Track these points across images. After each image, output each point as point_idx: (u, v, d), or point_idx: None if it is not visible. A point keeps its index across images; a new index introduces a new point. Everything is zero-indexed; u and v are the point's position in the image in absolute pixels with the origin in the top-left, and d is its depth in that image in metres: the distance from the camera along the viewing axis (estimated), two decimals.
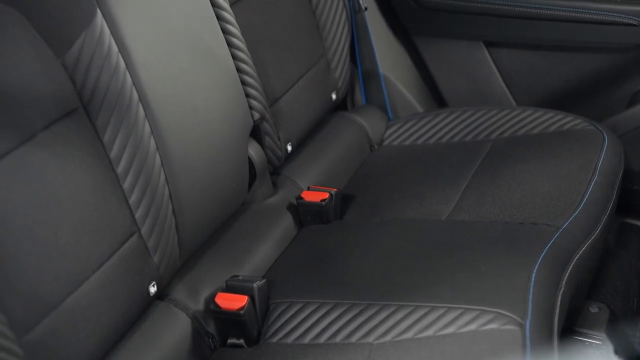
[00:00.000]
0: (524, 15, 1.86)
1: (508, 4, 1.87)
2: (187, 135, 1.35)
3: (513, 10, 1.87)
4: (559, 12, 1.83)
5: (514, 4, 1.86)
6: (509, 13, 1.88)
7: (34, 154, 1.09)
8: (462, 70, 2.06)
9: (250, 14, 1.61)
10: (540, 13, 1.85)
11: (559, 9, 1.83)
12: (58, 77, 1.16)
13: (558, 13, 1.83)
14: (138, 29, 1.28)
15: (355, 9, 1.93)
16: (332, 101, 1.86)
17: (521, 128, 1.78)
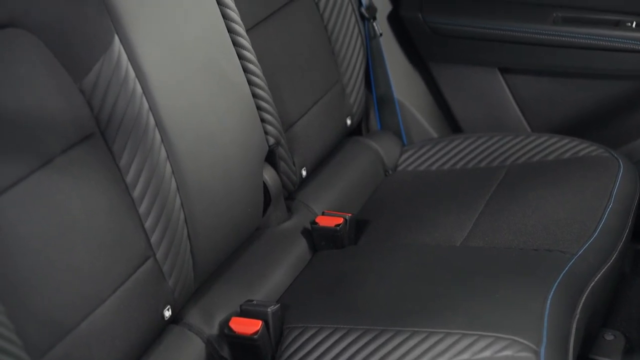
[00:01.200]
0: (540, 42, 1.87)
1: (523, 30, 1.88)
2: (203, 160, 1.36)
3: (528, 37, 1.88)
4: (574, 39, 1.83)
5: (529, 31, 1.87)
6: (524, 40, 1.89)
7: (51, 178, 1.10)
8: (477, 97, 2.06)
9: (266, 39, 1.62)
10: (555, 40, 1.85)
11: (575, 36, 1.83)
12: (76, 102, 1.17)
13: (574, 40, 1.83)
14: (155, 55, 1.30)
15: (370, 35, 1.95)
16: (347, 126, 1.87)
17: (536, 154, 1.77)
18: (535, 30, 1.87)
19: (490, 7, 1.93)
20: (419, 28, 2.01)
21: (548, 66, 1.93)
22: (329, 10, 1.82)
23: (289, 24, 1.71)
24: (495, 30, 1.91)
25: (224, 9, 1.47)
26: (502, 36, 1.91)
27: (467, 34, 1.95)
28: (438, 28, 1.98)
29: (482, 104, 2.07)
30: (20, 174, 1.05)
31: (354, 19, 1.88)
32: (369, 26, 1.94)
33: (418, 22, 2.00)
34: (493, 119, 2.06)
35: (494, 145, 1.83)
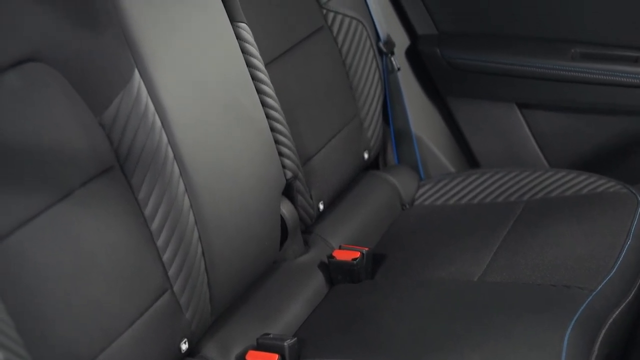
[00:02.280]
0: (558, 77, 1.87)
1: (541, 66, 1.88)
2: (221, 193, 1.36)
3: (546, 72, 1.88)
4: (593, 75, 1.84)
5: (547, 67, 1.88)
6: (543, 75, 1.89)
7: (70, 211, 1.11)
8: (495, 131, 2.06)
9: (284, 74, 1.64)
10: (574, 76, 1.85)
11: (593, 72, 1.83)
12: (96, 135, 1.18)
13: (592, 76, 1.84)
14: (174, 89, 1.31)
15: (388, 70, 1.96)
16: (364, 160, 1.87)
17: (554, 190, 1.77)
18: (554, 66, 1.87)
19: (508, 42, 1.94)
20: (437, 63, 2.02)
21: (566, 102, 1.93)
22: (347, 45, 1.83)
23: (307, 58, 1.72)
24: (513, 65, 1.92)
25: (243, 43, 1.49)
26: (520, 71, 1.92)
27: (485, 69, 1.96)
28: (456, 63, 1.99)
29: (499, 139, 2.07)
30: (40, 206, 1.06)
31: (372, 54, 1.89)
32: (387, 61, 1.95)
33: (436, 57, 2.01)
34: (511, 154, 2.06)
35: (512, 180, 1.83)
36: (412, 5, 2.01)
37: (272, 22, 1.63)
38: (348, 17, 1.83)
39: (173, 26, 1.34)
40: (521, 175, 1.83)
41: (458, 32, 2.00)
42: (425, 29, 2.03)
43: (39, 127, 1.09)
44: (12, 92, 1.07)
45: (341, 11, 1.82)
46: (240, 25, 1.49)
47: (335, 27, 1.82)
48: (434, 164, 2.07)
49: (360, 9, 1.88)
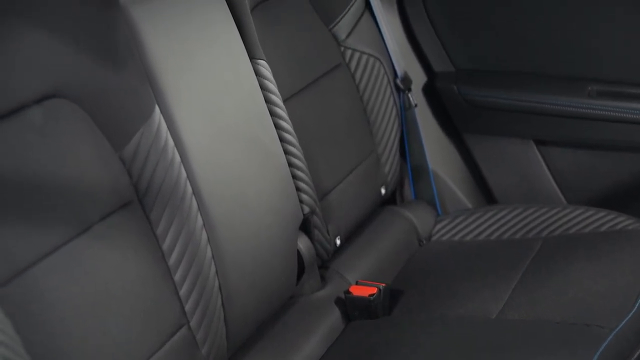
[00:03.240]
0: (575, 114, 1.87)
1: (558, 103, 1.89)
2: (238, 228, 1.37)
3: (563, 109, 1.88)
4: (610, 113, 1.83)
5: (564, 104, 1.88)
6: (559, 112, 1.89)
7: (89, 245, 1.11)
8: (512, 168, 2.06)
9: (302, 109, 1.65)
10: (591, 113, 1.85)
11: (610, 109, 1.83)
12: (115, 170, 1.19)
13: (609, 113, 1.84)
14: (194, 124, 1.32)
15: (405, 106, 1.97)
16: (381, 196, 1.87)
17: (572, 227, 1.76)
18: (570, 103, 1.87)
19: (525, 79, 1.95)
20: (454, 100, 2.03)
21: (584, 139, 1.93)
22: (365, 82, 1.85)
23: (325, 95, 1.73)
24: (530, 102, 1.92)
25: (262, 80, 1.50)
26: (537, 109, 1.92)
27: (502, 106, 1.96)
28: (473, 100, 1.99)
29: (517, 175, 2.06)
30: (60, 241, 1.07)
31: (390, 90, 1.90)
32: (404, 97, 1.96)
33: (453, 94, 2.02)
34: (528, 190, 2.05)
35: (530, 217, 1.82)
36: (429, 42, 2.03)
37: (290, 59, 1.65)
38: (366, 55, 1.85)
39: (193, 63, 1.35)
40: (539, 211, 1.83)
41: (475, 69, 2.01)
42: (442, 66, 2.04)
43: (60, 162, 1.10)
44: (35, 128, 1.08)
45: (359, 48, 1.84)
46: (260, 62, 1.50)
47: (353, 64, 1.83)
48: (451, 199, 2.06)
49: (377, 47, 1.90)
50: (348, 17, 1.83)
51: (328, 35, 1.79)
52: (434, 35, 2.01)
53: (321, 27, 1.77)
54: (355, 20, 1.86)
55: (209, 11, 1.41)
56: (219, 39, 1.42)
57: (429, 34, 2.01)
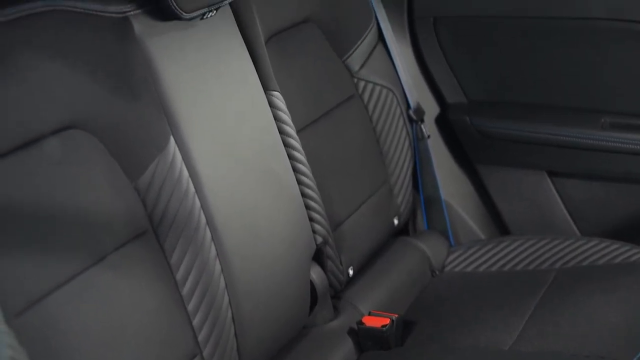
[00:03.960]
0: (588, 146, 1.87)
1: (571, 135, 1.89)
2: (251, 258, 1.37)
3: (576, 141, 1.88)
4: (623, 145, 1.83)
5: (577, 136, 1.88)
6: (573, 144, 1.89)
7: (103, 275, 1.12)
8: (525, 199, 2.06)
9: (316, 140, 1.66)
10: (604, 145, 1.85)
11: (623, 141, 1.83)
12: (130, 200, 1.20)
13: (622, 146, 1.83)
14: (208, 155, 1.33)
15: (418, 137, 1.97)
16: (394, 226, 1.87)
17: (586, 258, 1.75)
18: (584, 135, 1.87)
19: (538, 111, 1.95)
20: (467, 131, 2.03)
21: (597, 170, 1.93)
22: (378, 113, 1.86)
23: (338, 125, 1.74)
24: (543, 134, 1.92)
25: (276, 111, 1.51)
26: (550, 140, 1.92)
27: (515, 137, 1.97)
28: (486, 131, 2.00)
29: (530, 207, 2.06)
30: (75, 270, 1.08)
31: (402, 121, 1.91)
32: (416, 128, 1.97)
33: (466, 125, 2.02)
34: (542, 221, 2.05)
35: (543, 248, 1.82)
36: (442, 74, 2.04)
37: (304, 90, 1.66)
38: (379, 86, 1.86)
39: (208, 94, 1.36)
40: (552, 243, 1.82)
41: (487, 101, 2.02)
42: (455, 97, 2.05)
43: (76, 192, 1.11)
44: (52, 158, 1.09)
45: (372, 80, 1.85)
46: (274, 93, 1.52)
47: (366, 95, 1.84)
48: (464, 230, 2.06)
49: (390, 78, 1.91)
50: (361, 48, 1.85)
51: (341, 66, 1.81)
52: (446, 66, 2.02)
53: (335, 59, 1.79)
54: (369, 51, 1.87)
55: (223, 43, 1.42)
56: (233, 70, 1.43)
57: (442, 66, 2.02)
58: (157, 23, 1.30)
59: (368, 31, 1.86)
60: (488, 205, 2.13)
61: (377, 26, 1.92)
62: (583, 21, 1.80)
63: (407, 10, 1.99)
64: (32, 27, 1.10)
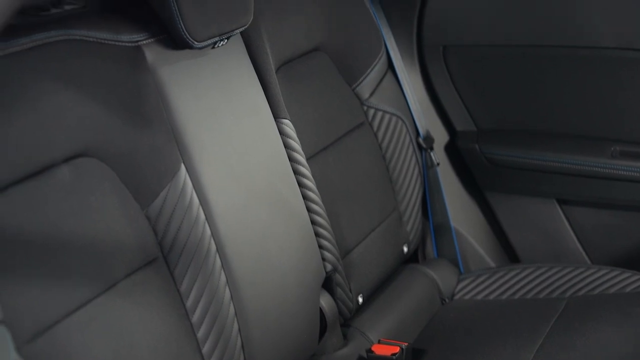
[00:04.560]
0: (597, 175, 1.87)
1: (580, 163, 1.88)
2: (261, 285, 1.37)
3: (585, 169, 1.88)
4: (632, 173, 1.83)
5: (586, 164, 1.88)
6: (582, 172, 1.89)
7: (114, 302, 1.12)
8: (535, 227, 2.05)
9: (325, 167, 1.66)
10: (613, 173, 1.85)
11: (633, 169, 1.83)
12: (141, 227, 1.21)
13: (632, 174, 1.83)
14: (219, 182, 1.34)
15: (427, 165, 1.98)
16: (404, 254, 1.87)
17: (597, 287, 1.75)
18: (593, 163, 1.87)
19: (547, 139, 1.95)
20: (476, 158, 2.03)
21: (607, 199, 1.93)
22: (387, 140, 1.86)
23: (348, 153, 1.75)
24: (553, 162, 1.92)
25: (286, 138, 1.52)
26: (560, 168, 1.92)
27: (524, 165, 1.97)
28: (495, 159, 2.00)
29: (540, 235, 2.06)
30: (86, 298, 1.08)
31: (412, 149, 1.92)
32: (426, 156, 1.98)
33: (475, 153, 2.03)
34: (552, 249, 2.04)
35: (553, 277, 1.81)
36: (451, 102, 2.04)
37: (314, 117, 1.67)
38: (388, 114, 1.87)
39: (219, 122, 1.37)
40: (563, 271, 1.82)
41: (497, 129, 2.02)
42: (464, 125, 2.06)
43: (87, 219, 1.12)
44: (64, 186, 1.10)
45: (381, 108, 1.86)
46: (284, 121, 1.53)
47: (376, 122, 1.85)
48: (474, 258, 2.06)
49: (400, 106, 1.92)
50: (371, 76, 1.86)
51: (351, 94, 1.82)
52: (455, 94, 2.03)
53: (344, 87, 1.80)
54: (378, 79, 1.88)
55: (234, 71, 1.44)
56: (244, 98, 1.44)
57: (451, 94, 2.03)
58: (169, 52, 1.31)
59: (378, 59, 1.88)
60: (498, 232, 2.13)
61: (387, 54, 1.93)
62: (593, 50, 1.81)
63: (417, 38, 2.00)
64: (45, 56, 1.12)
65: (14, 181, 1.04)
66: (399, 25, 1.98)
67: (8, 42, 1.08)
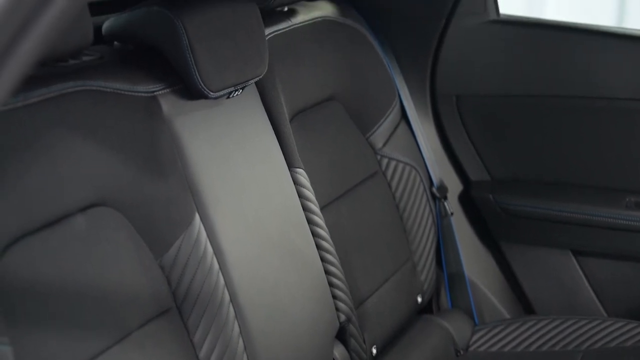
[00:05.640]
0: (612, 226, 1.86)
1: (595, 214, 1.87)
2: (274, 336, 1.36)
3: (601, 220, 1.87)
4: None
5: (601, 215, 1.87)
6: (597, 223, 1.88)
7: (127, 353, 1.11)
8: (550, 278, 2.04)
9: (339, 217, 1.66)
10: (628, 224, 1.84)
11: None
12: (155, 278, 1.20)
13: None
14: (233, 231, 1.34)
15: (441, 214, 1.97)
16: (418, 304, 1.86)
17: (613, 340, 1.72)
18: (608, 214, 1.86)
19: (562, 189, 1.95)
20: (490, 208, 2.03)
21: (622, 250, 1.91)
22: (401, 190, 1.86)
23: (361, 202, 1.75)
24: (567, 213, 1.91)
25: (300, 188, 1.53)
26: (574, 219, 1.91)
27: (539, 215, 1.96)
28: (509, 209, 1.99)
29: (555, 286, 2.04)
30: (99, 348, 1.07)
31: (425, 198, 1.91)
32: (440, 205, 1.97)
33: (489, 203, 2.02)
34: (567, 301, 2.02)
35: (569, 329, 1.79)
36: (465, 151, 2.04)
37: (328, 166, 1.67)
38: (402, 163, 1.87)
39: (233, 171, 1.38)
40: (579, 323, 1.80)
41: (511, 178, 2.02)
42: (478, 174, 2.05)
43: (101, 270, 1.12)
44: (78, 235, 1.10)
45: (395, 157, 1.86)
46: (298, 170, 1.53)
47: (389, 172, 1.85)
48: (489, 309, 2.04)
49: (413, 155, 1.92)
50: (384, 126, 1.86)
51: (365, 143, 1.82)
52: (469, 144, 2.03)
53: (358, 136, 1.80)
54: (392, 129, 1.89)
55: (249, 121, 1.45)
56: (258, 148, 1.45)
57: (465, 143, 2.03)
58: (184, 102, 1.32)
59: (391, 109, 1.88)
60: (512, 283, 2.11)
61: (400, 104, 1.94)
62: (608, 101, 1.81)
63: (430, 88, 2.01)
64: (63, 107, 1.13)
65: (30, 231, 1.05)
66: (413, 74, 1.99)
67: (27, 93, 1.09)
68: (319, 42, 1.70)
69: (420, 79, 2.00)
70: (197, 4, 1.31)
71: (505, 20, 1.89)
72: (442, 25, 1.90)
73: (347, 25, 1.81)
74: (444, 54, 1.94)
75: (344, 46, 1.77)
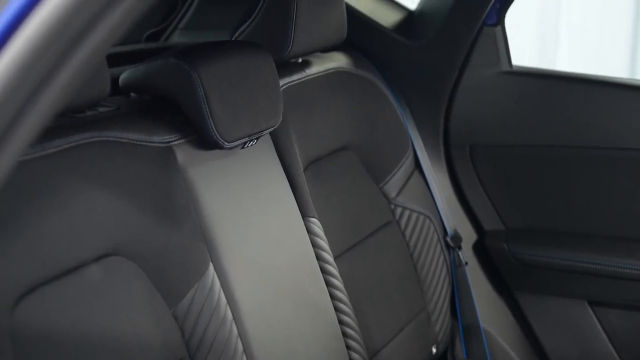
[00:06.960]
0: (628, 276, 1.84)
1: (610, 264, 1.86)
2: None
3: (616, 271, 1.86)
4: None
5: (616, 265, 1.85)
6: (612, 274, 1.86)
7: None
8: (566, 328, 2.01)
9: (353, 266, 1.66)
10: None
11: None
12: (169, 328, 1.20)
13: None
14: (246, 281, 1.34)
15: (455, 264, 1.96)
16: (432, 355, 1.84)
17: None
18: (624, 265, 1.85)
19: (577, 239, 1.94)
20: (505, 258, 2.02)
21: (638, 301, 1.89)
22: (415, 239, 1.86)
23: (375, 251, 1.74)
24: (583, 263, 1.90)
25: (314, 237, 1.53)
26: (589, 269, 1.89)
27: (554, 265, 1.94)
28: (524, 259, 1.98)
29: (571, 336, 2.01)
30: None
31: (439, 248, 1.91)
32: (454, 255, 1.96)
33: (503, 253, 2.01)
34: (583, 351, 2.00)
35: None
36: (479, 201, 2.04)
37: (342, 216, 1.67)
38: (415, 212, 1.87)
39: (247, 221, 1.38)
40: None
41: (525, 228, 2.01)
42: (493, 224, 2.05)
43: (114, 319, 1.12)
44: (92, 285, 1.11)
45: (409, 206, 1.87)
46: (312, 220, 1.53)
47: (403, 221, 1.85)
48: (504, 359, 2.01)
49: (427, 204, 1.92)
50: (398, 175, 1.87)
51: (379, 193, 1.83)
52: (483, 193, 2.03)
53: (372, 186, 1.81)
54: (406, 178, 1.90)
55: (263, 171, 1.45)
56: (272, 198, 1.46)
57: (479, 192, 2.03)
58: (199, 152, 1.33)
59: (405, 159, 1.89)
60: (528, 334, 2.09)
61: (414, 153, 1.95)
62: (621, 151, 1.81)
63: (443, 137, 2.02)
64: (79, 158, 1.14)
65: (45, 280, 1.05)
66: (426, 124, 2.00)
67: (45, 144, 1.10)
68: (333, 92, 1.72)
69: (433, 129, 2.01)
70: (213, 56, 1.33)
71: (518, 72, 1.91)
72: (455, 76, 1.92)
73: (360, 75, 1.82)
74: (457, 104, 1.95)
75: (357, 96, 1.79)
